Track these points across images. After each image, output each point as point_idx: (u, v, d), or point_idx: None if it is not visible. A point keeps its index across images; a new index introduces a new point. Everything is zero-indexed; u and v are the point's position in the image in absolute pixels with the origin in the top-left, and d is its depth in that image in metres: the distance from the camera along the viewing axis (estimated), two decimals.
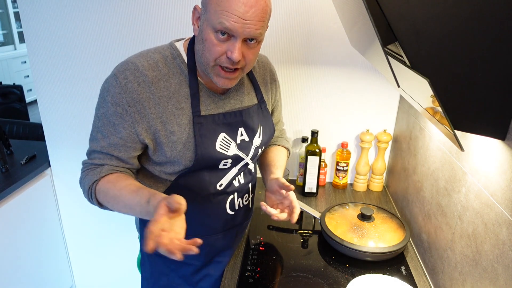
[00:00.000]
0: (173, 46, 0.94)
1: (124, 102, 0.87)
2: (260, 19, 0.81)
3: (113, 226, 1.90)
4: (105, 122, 0.90)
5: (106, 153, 0.92)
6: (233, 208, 1.08)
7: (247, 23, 0.80)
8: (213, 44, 0.83)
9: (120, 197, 0.87)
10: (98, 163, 0.93)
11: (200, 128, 0.93)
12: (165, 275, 1.13)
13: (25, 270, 1.73)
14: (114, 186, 0.88)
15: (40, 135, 2.33)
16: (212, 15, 0.81)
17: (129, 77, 0.87)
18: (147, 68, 0.89)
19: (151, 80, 0.88)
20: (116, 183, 0.89)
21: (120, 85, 0.87)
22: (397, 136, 1.56)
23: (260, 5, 0.80)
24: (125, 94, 0.87)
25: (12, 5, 5.07)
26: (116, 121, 0.89)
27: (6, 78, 4.87)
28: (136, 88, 0.87)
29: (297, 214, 0.99)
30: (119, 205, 0.88)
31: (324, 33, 1.48)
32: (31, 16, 1.54)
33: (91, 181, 0.91)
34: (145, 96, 0.88)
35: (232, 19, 0.79)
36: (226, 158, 0.98)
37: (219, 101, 0.97)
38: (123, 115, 0.88)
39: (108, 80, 0.90)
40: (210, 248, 1.10)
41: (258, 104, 1.05)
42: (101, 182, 0.90)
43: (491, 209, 0.80)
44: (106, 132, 0.90)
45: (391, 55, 0.71)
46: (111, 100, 0.88)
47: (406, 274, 1.11)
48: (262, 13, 0.81)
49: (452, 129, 0.61)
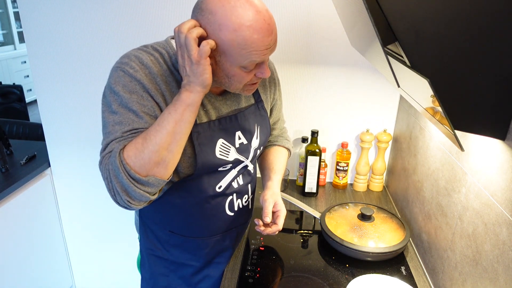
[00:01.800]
0: (170, 45, 0.92)
1: (138, 88, 0.83)
2: (276, 37, 0.83)
3: (113, 227, 1.90)
4: (123, 112, 0.82)
5: (129, 133, 0.81)
6: (232, 209, 1.08)
7: (271, 48, 0.83)
8: (242, 77, 0.85)
9: (149, 131, 0.79)
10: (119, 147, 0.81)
11: (198, 137, 0.91)
12: (165, 276, 1.13)
13: (25, 270, 1.73)
14: (140, 135, 0.79)
15: (40, 135, 2.34)
16: (237, 57, 0.80)
17: (135, 67, 0.84)
18: (150, 62, 0.86)
19: (156, 72, 0.85)
20: (137, 137, 0.80)
21: (129, 73, 0.83)
22: (397, 136, 1.56)
23: (274, 25, 0.81)
24: (136, 81, 0.83)
25: (12, 5, 5.07)
26: (135, 107, 0.82)
27: (6, 78, 4.88)
28: (144, 78, 0.84)
29: (282, 218, 1.03)
30: (153, 136, 0.78)
31: (324, 33, 1.48)
32: (31, 16, 1.54)
33: (117, 151, 0.78)
34: (153, 87, 0.84)
35: (262, 54, 0.81)
36: (226, 163, 0.98)
37: (215, 101, 0.96)
38: (140, 100, 0.83)
39: (112, 74, 0.85)
40: (210, 249, 1.10)
41: (255, 104, 1.04)
42: (125, 149, 0.79)
43: (491, 209, 0.79)
44: (127, 121, 0.82)
45: (391, 55, 0.70)
46: (123, 90, 0.82)
47: (406, 274, 1.11)
48: (276, 30, 0.83)
49: (452, 129, 0.61)
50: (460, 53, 0.63)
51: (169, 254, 1.10)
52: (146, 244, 1.13)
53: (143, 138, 0.78)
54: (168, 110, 0.80)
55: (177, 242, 1.08)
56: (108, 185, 0.80)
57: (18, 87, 3.81)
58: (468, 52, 0.62)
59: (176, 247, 1.09)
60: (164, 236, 1.08)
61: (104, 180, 0.81)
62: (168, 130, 0.78)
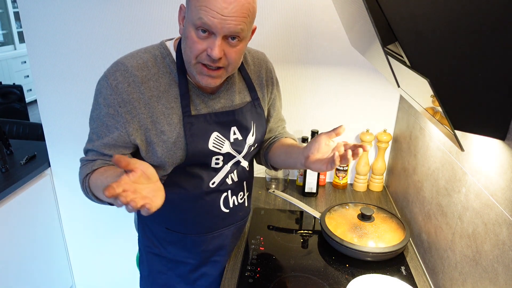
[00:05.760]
0: (163, 46, 0.95)
1: (115, 103, 0.89)
2: (240, 15, 0.80)
3: (113, 226, 1.90)
4: (99, 123, 0.92)
5: (98, 151, 0.94)
6: (227, 206, 1.08)
7: (226, 19, 0.79)
8: (193, 41, 0.83)
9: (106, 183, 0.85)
10: (91, 159, 0.95)
11: (191, 128, 0.93)
12: (163, 273, 1.13)
13: (25, 270, 1.73)
14: (102, 175, 0.89)
15: (40, 135, 2.34)
16: (192, 12, 0.81)
17: (119, 78, 0.88)
18: (136, 68, 0.89)
19: (140, 80, 0.89)
20: (105, 173, 0.89)
21: (110, 86, 0.88)
22: (397, 136, 1.56)
23: (240, 1, 0.80)
24: (115, 95, 0.88)
25: (12, 5, 5.07)
26: (109, 122, 0.91)
27: (6, 78, 4.88)
28: (126, 89, 0.88)
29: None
30: (96, 190, 0.90)
31: (324, 33, 1.48)
32: (31, 16, 1.54)
33: (85, 174, 0.93)
34: (135, 96, 0.89)
35: (210, 15, 0.78)
36: (217, 154, 0.99)
37: (208, 101, 0.97)
38: (114, 116, 0.90)
39: (100, 81, 0.91)
40: (206, 247, 1.10)
41: (251, 102, 1.04)
42: (93, 175, 0.92)
43: (491, 209, 0.79)
44: (100, 133, 0.93)
45: (391, 55, 0.71)
46: (103, 102, 0.90)
47: (406, 274, 1.11)
48: (242, 10, 0.80)
49: (452, 129, 0.61)
50: (460, 53, 0.63)
51: (166, 252, 1.11)
52: (144, 242, 1.13)
53: (100, 184, 0.87)
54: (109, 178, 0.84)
55: (173, 239, 1.09)
56: (79, 180, 0.96)
57: (18, 87, 3.81)
58: (468, 52, 0.62)
59: (173, 245, 1.10)
60: (161, 234, 1.09)
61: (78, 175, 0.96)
62: None
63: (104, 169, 0.92)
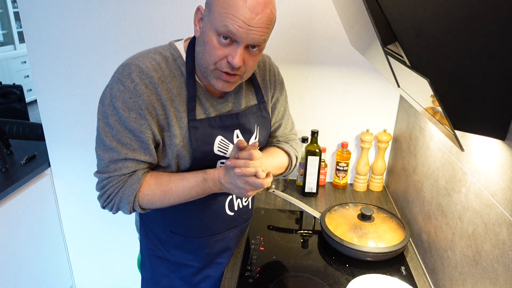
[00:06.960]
0: (173, 47, 0.92)
1: (137, 106, 0.85)
2: (265, 26, 0.80)
3: (113, 227, 1.90)
4: (120, 129, 0.87)
5: (132, 159, 0.89)
6: (232, 209, 1.08)
7: (252, 29, 0.79)
8: (214, 47, 0.82)
9: (170, 191, 0.92)
10: (127, 172, 0.90)
11: (196, 133, 0.91)
12: (166, 276, 1.13)
13: (25, 270, 1.73)
14: (158, 186, 0.92)
15: (40, 135, 2.33)
16: (216, 18, 0.79)
17: (136, 80, 0.85)
18: (151, 69, 0.86)
19: (156, 81, 0.86)
20: (158, 182, 0.92)
21: (128, 89, 0.84)
22: (397, 136, 1.56)
23: (266, 12, 0.79)
24: (136, 98, 0.85)
25: (12, 5, 5.07)
26: (133, 127, 0.86)
27: (6, 78, 4.87)
28: (145, 90, 0.85)
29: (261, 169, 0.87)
30: (172, 198, 0.93)
31: (324, 33, 1.48)
32: (31, 16, 1.54)
33: (135, 191, 0.90)
34: (154, 98, 0.86)
35: (237, 24, 0.77)
36: (223, 158, 0.98)
37: (217, 104, 0.96)
38: (138, 119, 0.86)
39: (113, 86, 0.86)
40: (210, 250, 1.10)
41: (257, 104, 1.04)
42: (142, 188, 0.91)
43: (491, 209, 0.79)
44: (125, 140, 0.87)
45: (391, 55, 0.70)
46: (122, 107, 0.85)
47: (406, 274, 1.11)
48: (268, 21, 0.80)
49: (452, 129, 0.61)
50: (460, 53, 0.63)
51: (170, 255, 1.10)
52: (147, 245, 1.13)
53: (163, 192, 0.92)
54: (193, 183, 0.92)
55: (178, 242, 1.08)
56: (107, 200, 0.92)
57: (18, 87, 3.81)
58: (468, 52, 0.62)
59: (177, 248, 1.09)
60: (165, 237, 1.08)
61: (101, 190, 0.92)
62: (184, 198, 0.94)
63: (152, 179, 0.93)
